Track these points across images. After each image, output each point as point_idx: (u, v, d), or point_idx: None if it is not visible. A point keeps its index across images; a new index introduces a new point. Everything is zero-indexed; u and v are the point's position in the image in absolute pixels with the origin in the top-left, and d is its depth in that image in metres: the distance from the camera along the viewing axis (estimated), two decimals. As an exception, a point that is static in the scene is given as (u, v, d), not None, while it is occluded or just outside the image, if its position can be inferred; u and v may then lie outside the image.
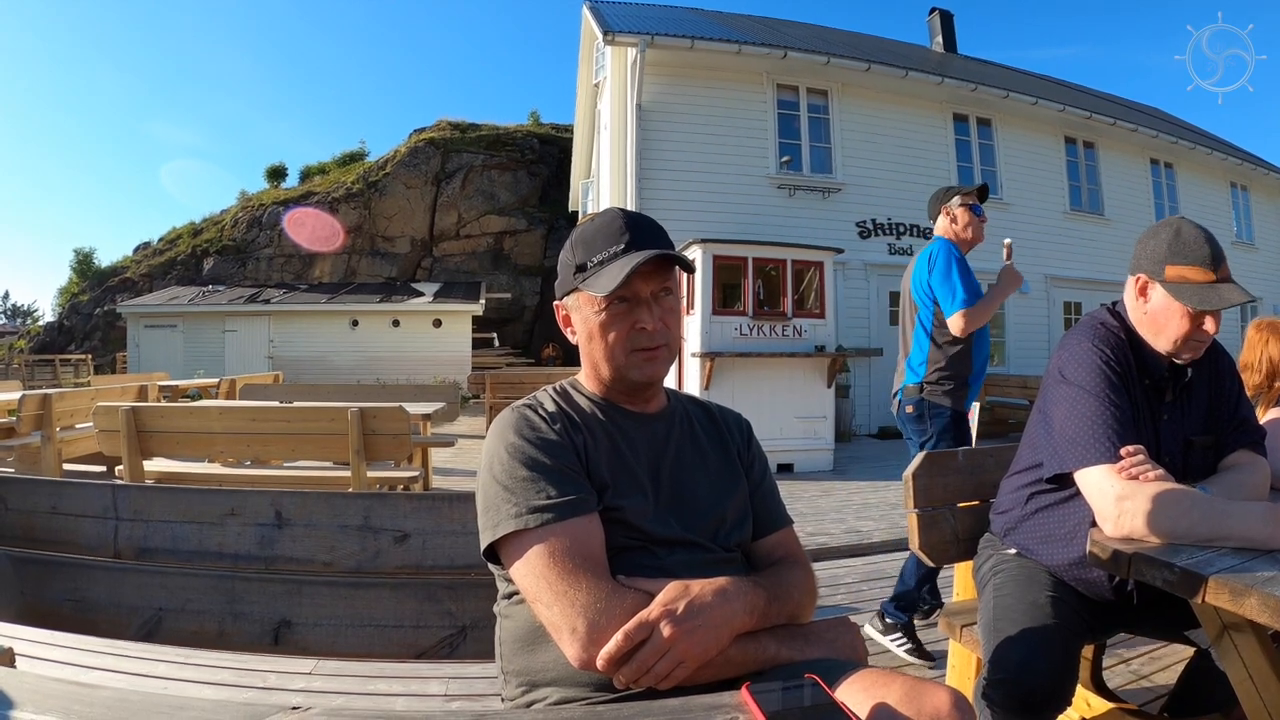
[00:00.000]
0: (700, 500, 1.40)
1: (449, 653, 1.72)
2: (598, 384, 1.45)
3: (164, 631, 1.74)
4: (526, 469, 1.26)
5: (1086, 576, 1.88)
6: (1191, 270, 1.77)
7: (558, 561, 1.18)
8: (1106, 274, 14.98)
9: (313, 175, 33.46)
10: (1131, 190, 16.45)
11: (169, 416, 4.73)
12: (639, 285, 1.34)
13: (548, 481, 1.25)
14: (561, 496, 1.23)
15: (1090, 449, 1.71)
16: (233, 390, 9.12)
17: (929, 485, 2.31)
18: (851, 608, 3.95)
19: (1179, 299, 1.78)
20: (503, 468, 1.28)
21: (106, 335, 27.99)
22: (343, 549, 1.78)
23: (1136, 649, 3.07)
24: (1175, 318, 1.81)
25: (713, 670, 1.15)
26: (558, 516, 1.21)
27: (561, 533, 1.20)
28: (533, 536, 1.20)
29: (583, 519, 1.23)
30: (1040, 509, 1.97)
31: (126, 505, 1.82)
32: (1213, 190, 18.10)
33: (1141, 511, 1.55)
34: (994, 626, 1.83)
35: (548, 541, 1.19)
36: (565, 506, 1.22)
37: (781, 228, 12.36)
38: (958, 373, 3.48)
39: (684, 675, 1.11)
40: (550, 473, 1.26)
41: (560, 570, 1.17)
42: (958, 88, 13.95)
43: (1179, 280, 1.79)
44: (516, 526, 1.21)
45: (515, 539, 1.22)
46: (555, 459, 1.28)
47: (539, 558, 1.19)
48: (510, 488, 1.25)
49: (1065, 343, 1.94)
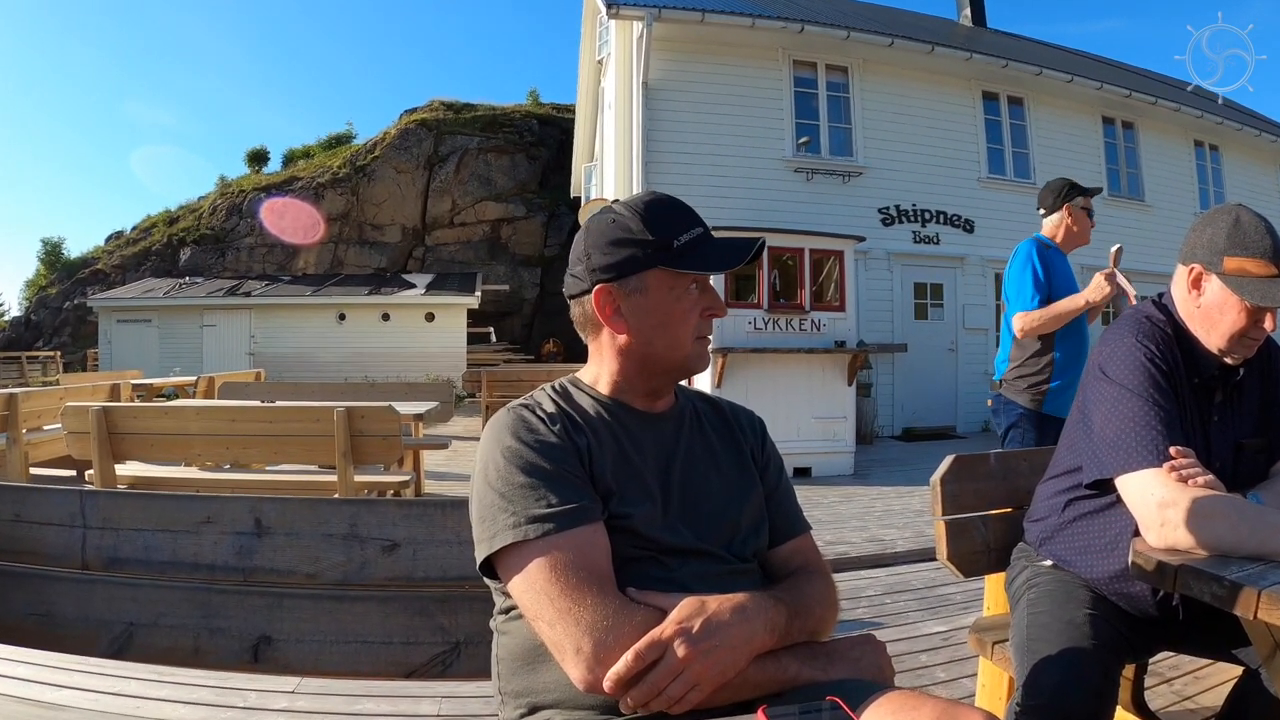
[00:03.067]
0: (713, 506, 1.39)
1: (442, 671, 1.71)
2: (613, 381, 1.43)
3: (135, 648, 1.74)
4: (524, 475, 1.24)
5: (1128, 590, 1.86)
6: (1253, 263, 1.74)
7: (560, 575, 1.16)
8: (1147, 264, 14.82)
9: (296, 159, 33.55)
10: (1174, 174, 16.34)
11: (142, 417, 4.72)
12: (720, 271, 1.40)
13: (548, 488, 1.23)
14: (563, 504, 1.22)
15: (1133, 453, 1.69)
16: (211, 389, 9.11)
17: (958, 491, 2.30)
18: (874, 622, 3.96)
19: (1238, 293, 1.75)
20: (498, 474, 1.26)
21: (76, 330, 28.07)
22: (327, 559, 1.78)
23: (1180, 669, 3.05)
24: (1232, 313, 1.78)
25: (729, 692, 1.14)
26: (559, 527, 1.20)
27: (564, 544, 1.19)
28: (533, 548, 1.19)
29: (586, 529, 1.22)
30: (1079, 517, 1.95)
31: (95, 512, 1.81)
32: (1261, 174, 17.94)
33: (1188, 520, 1.54)
34: (1028, 645, 1.82)
35: (549, 554, 1.18)
36: (567, 515, 1.21)
37: (798, 214, 12.32)
38: (1035, 371, 3.70)
39: (699, 699, 1.10)
40: (550, 479, 1.24)
41: (563, 585, 1.15)
42: (987, 64, 13.86)
43: (1239, 273, 1.75)
44: (515, 538, 1.20)
45: (513, 551, 1.21)
46: (555, 464, 1.26)
47: (540, 571, 1.17)
48: (507, 496, 1.23)
49: (1107, 338, 1.92)
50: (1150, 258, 14.87)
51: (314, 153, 33.50)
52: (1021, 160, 14.42)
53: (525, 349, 25.57)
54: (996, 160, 14.13)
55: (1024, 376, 3.73)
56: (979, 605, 3.10)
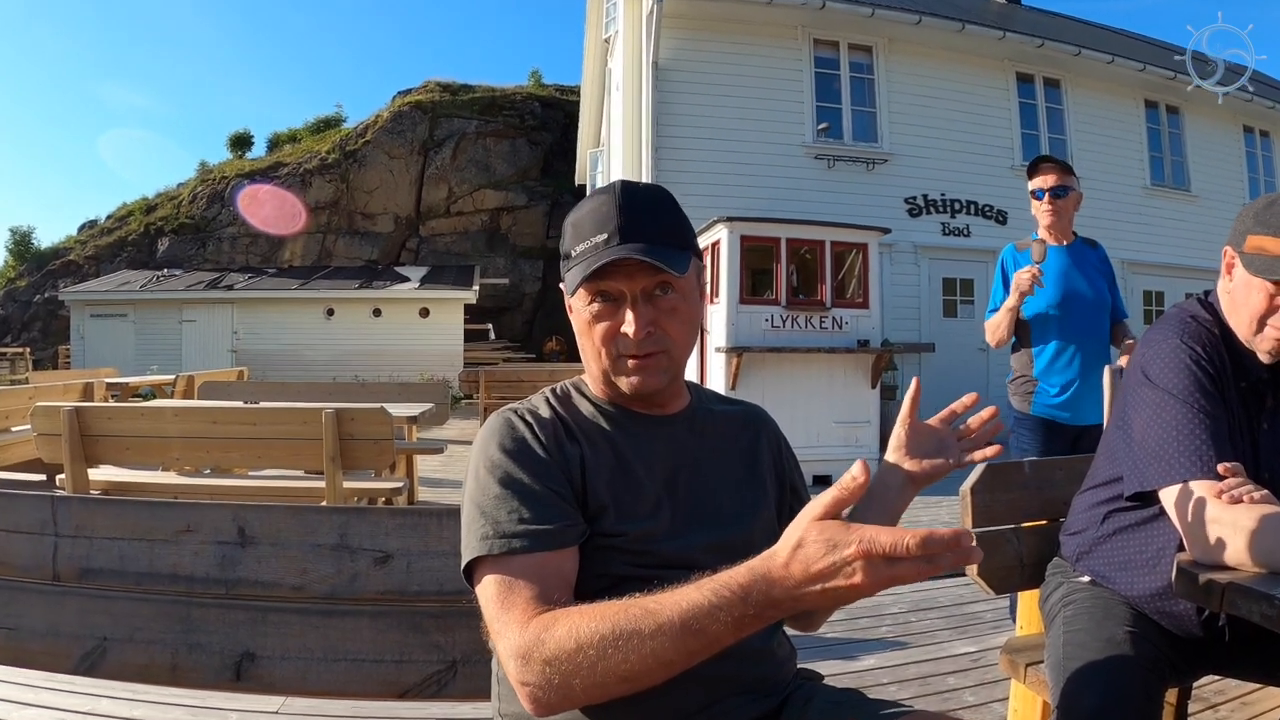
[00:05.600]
0: (724, 519, 1.38)
1: (437, 691, 1.71)
2: (601, 385, 1.43)
3: (109, 664, 1.74)
4: (501, 487, 1.25)
5: (1171, 609, 1.84)
6: (1272, 241, 1.71)
7: (506, 593, 1.17)
8: (1193, 259, 14.81)
9: (282, 144, 33.57)
10: (1222, 162, 16.29)
11: (118, 418, 4.74)
12: (622, 282, 1.30)
13: (522, 503, 1.23)
14: (534, 523, 1.22)
15: (1176, 463, 1.67)
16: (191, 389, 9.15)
17: (989, 501, 2.29)
18: (899, 642, 3.95)
19: (1249, 269, 1.74)
20: (478, 485, 1.27)
21: (47, 326, 28.15)
22: (315, 571, 1.77)
23: (1226, 693, 3.04)
24: (1251, 294, 1.76)
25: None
26: (526, 548, 1.20)
27: (523, 564, 1.19)
28: (493, 564, 1.20)
29: (553, 554, 1.22)
30: (1119, 530, 1.94)
31: (67, 520, 1.81)
32: (1318, 163, 17.90)
33: (1235, 535, 1.52)
34: (1064, 666, 1.81)
35: (506, 571, 1.19)
36: (536, 536, 1.21)
37: (819, 204, 12.29)
38: (1021, 372, 3.90)
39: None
40: (526, 494, 1.25)
41: (504, 603, 1.16)
42: (1022, 43, 13.83)
43: (1257, 251, 1.74)
44: (480, 552, 1.21)
45: (479, 565, 1.22)
46: (535, 478, 1.27)
47: (492, 586, 1.19)
48: (483, 508, 1.24)
49: (1149, 339, 1.91)
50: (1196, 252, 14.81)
51: (301, 137, 33.50)
52: (1058, 147, 14.33)
53: (526, 347, 25.56)
54: (1031, 147, 14.02)
55: (1015, 379, 3.94)
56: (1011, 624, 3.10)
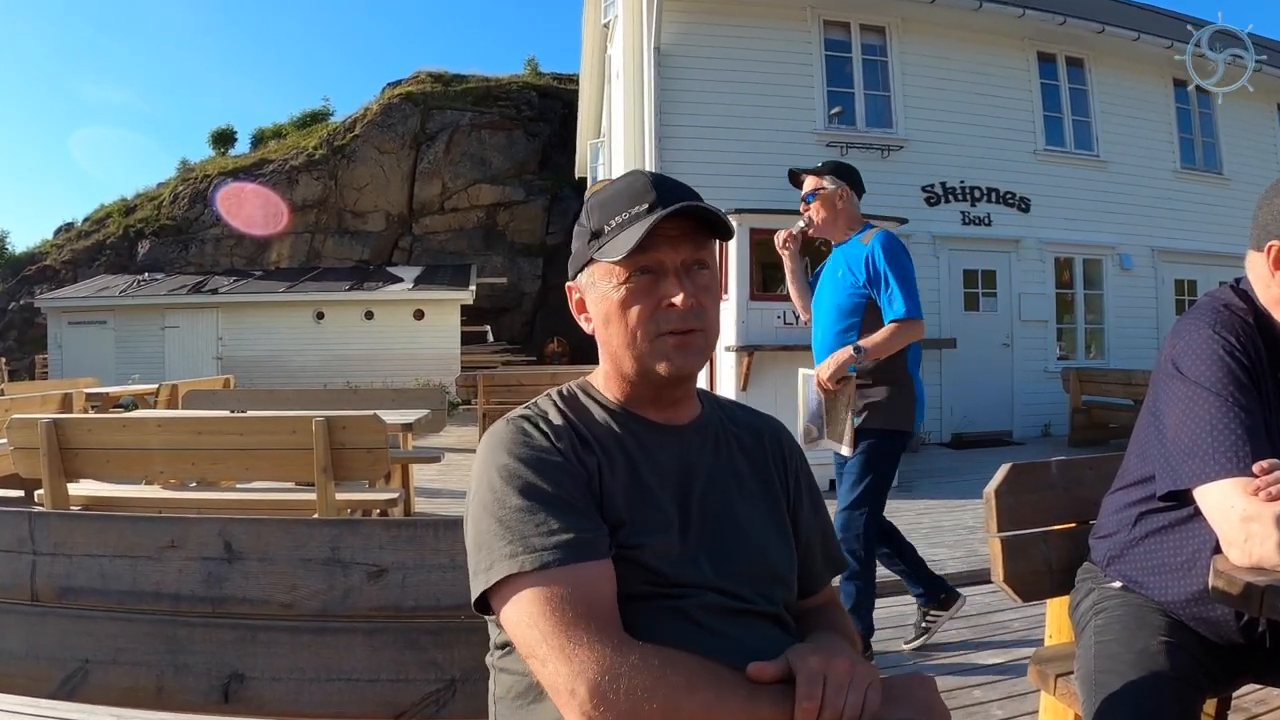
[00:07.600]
0: (740, 537, 1.38)
1: (435, 711, 1.71)
2: (618, 386, 1.42)
3: (92, 687, 1.74)
4: (523, 498, 1.24)
5: (1208, 615, 1.84)
6: None
7: (555, 611, 1.15)
8: (1226, 245, 14.72)
9: (267, 140, 33.62)
10: (1256, 144, 16.20)
11: (98, 430, 4.74)
12: (665, 252, 1.31)
13: (549, 514, 1.22)
14: (566, 534, 1.21)
15: (1211, 460, 1.67)
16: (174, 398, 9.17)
17: (1015, 504, 2.29)
18: (921, 653, 3.95)
19: None
20: (494, 497, 1.25)
21: (23, 334, 28.23)
22: (306, 587, 1.78)
23: (1268, 703, 3.04)
24: None
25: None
26: (561, 559, 1.19)
27: (563, 578, 1.18)
28: (529, 580, 1.18)
29: (591, 565, 1.21)
30: (1151, 532, 1.94)
31: (46, 537, 1.82)
32: (1358, 143, 17.84)
33: (1275, 535, 1.52)
34: (1096, 678, 1.81)
35: (547, 587, 1.17)
36: (569, 547, 1.20)
37: (831, 194, 12.18)
38: None
39: None
40: (552, 503, 1.24)
41: (558, 622, 1.14)
42: (1043, 21, 13.73)
43: None
44: (512, 569, 1.19)
45: (508, 583, 1.20)
46: (558, 486, 1.26)
47: (534, 606, 1.17)
48: (504, 521, 1.23)
49: (1180, 329, 1.90)
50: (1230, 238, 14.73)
51: (286, 132, 33.55)
52: (1083, 130, 14.32)
53: (526, 349, 25.60)
54: (1055, 130, 14.03)
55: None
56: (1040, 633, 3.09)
